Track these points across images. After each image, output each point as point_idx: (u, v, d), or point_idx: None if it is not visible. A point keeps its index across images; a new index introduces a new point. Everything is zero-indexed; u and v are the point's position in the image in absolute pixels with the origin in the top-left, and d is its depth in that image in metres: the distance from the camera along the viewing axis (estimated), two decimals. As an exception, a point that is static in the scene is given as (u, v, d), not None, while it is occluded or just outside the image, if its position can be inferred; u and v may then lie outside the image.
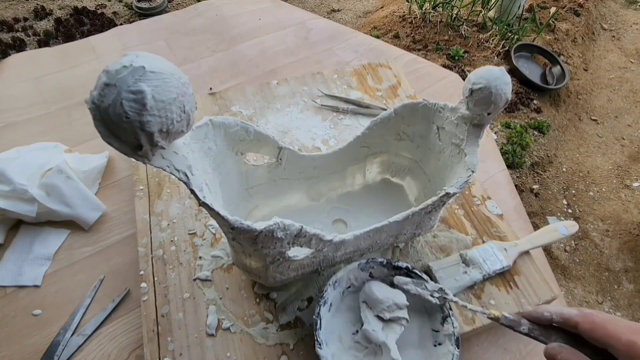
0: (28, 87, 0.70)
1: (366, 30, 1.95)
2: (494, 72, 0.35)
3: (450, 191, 0.37)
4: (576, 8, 2.05)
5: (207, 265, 0.46)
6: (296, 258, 0.37)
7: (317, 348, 0.36)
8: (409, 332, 0.40)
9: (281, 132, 0.61)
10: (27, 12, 1.88)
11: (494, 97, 0.35)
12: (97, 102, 0.24)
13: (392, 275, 0.42)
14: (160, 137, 0.26)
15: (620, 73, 1.92)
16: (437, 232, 0.50)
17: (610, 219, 1.37)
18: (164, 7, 1.94)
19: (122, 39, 0.80)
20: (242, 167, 0.44)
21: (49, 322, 0.44)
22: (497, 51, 1.74)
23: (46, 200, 0.49)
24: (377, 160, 0.51)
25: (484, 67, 0.36)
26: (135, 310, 0.45)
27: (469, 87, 0.36)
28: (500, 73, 0.35)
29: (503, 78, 0.35)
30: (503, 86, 0.35)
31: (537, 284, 0.46)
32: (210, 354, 0.40)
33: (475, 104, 0.37)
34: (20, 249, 0.49)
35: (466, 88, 0.37)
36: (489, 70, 0.36)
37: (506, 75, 0.36)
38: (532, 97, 1.63)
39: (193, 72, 0.74)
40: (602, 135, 1.66)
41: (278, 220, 0.32)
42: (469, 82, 0.37)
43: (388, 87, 0.69)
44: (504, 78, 0.35)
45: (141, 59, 0.24)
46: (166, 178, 0.54)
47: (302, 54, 0.79)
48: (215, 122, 0.37)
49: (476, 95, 0.36)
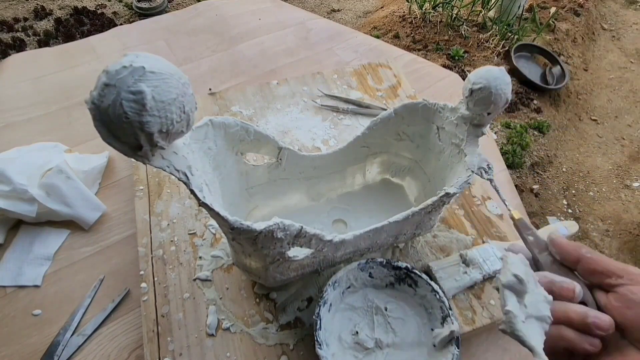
0: (28, 87, 0.70)
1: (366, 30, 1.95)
2: (494, 72, 0.35)
3: (450, 191, 0.37)
4: (576, 8, 2.05)
5: (207, 265, 0.46)
6: (296, 258, 0.37)
7: (317, 348, 0.36)
8: (409, 332, 0.40)
9: (281, 132, 0.61)
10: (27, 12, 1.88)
11: (494, 97, 0.35)
12: (97, 103, 0.24)
13: (392, 276, 0.42)
14: (160, 138, 0.26)
15: (620, 73, 1.92)
16: (437, 232, 0.50)
17: (610, 219, 1.37)
18: (164, 7, 1.94)
19: (122, 39, 0.80)
20: (242, 167, 0.44)
21: (49, 322, 0.44)
22: (497, 51, 1.74)
23: (46, 200, 0.49)
24: (377, 160, 0.51)
25: (484, 67, 0.36)
26: (135, 310, 0.45)
27: (469, 87, 0.36)
28: (500, 73, 0.35)
29: (503, 78, 0.35)
30: (503, 86, 0.35)
31: (537, 284, 0.46)
32: (210, 354, 0.40)
33: (475, 104, 0.37)
34: (20, 249, 0.49)
35: (466, 88, 0.37)
36: (489, 70, 0.36)
37: (506, 75, 0.36)
38: (532, 97, 1.63)
39: (193, 72, 0.74)
40: (602, 135, 1.66)
41: (278, 220, 0.32)
42: (468, 82, 0.37)
43: (388, 87, 0.69)
44: (504, 78, 0.35)
45: (141, 59, 0.24)
46: (166, 178, 0.54)
47: (302, 54, 0.79)
48: (215, 122, 0.37)
49: (476, 95, 0.36)
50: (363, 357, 0.39)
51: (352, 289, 0.42)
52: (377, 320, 0.41)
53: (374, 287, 0.43)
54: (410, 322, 0.41)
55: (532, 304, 0.35)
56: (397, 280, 0.42)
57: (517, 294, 0.33)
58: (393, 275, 0.42)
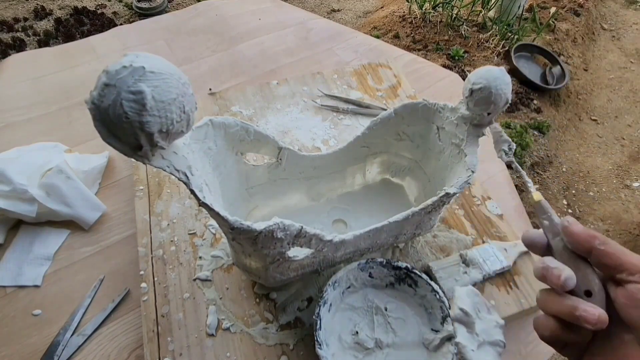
0: (28, 87, 0.70)
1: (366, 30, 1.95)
2: (494, 72, 0.35)
3: (450, 191, 0.37)
4: (576, 8, 2.05)
5: (207, 265, 0.46)
6: (296, 258, 0.37)
7: (317, 348, 0.36)
8: (409, 332, 0.40)
9: (281, 132, 0.61)
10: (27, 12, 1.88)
11: (494, 97, 0.35)
12: (97, 103, 0.24)
13: (392, 276, 0.42)
14: (160, 138, 0.26)
15: (620, 73, 1.92)
16: (437, 232, 0.50)
17: (610, 219, 1.37)
18: (164, 7, 1.94)
19: (122, 39, 0.80)
20: (242, 167, 0.44)
21: (49, 322, 0.44)
22: (497, 51, 1.74)
23: (46, 200, 0.49)
24: (377, 160, 0.51)
25: (484, 67, 0.36)
26: (135, 310, 0.45)
27: (469, 87, 0.36)
28: (500, 73, 0.35)
29: (503, 78, 0.35)
30: (503, 86, 0.35)
31: (537, 284, 0.46)
32: (210, 354, 0.40)
33: (475, 104, 0.37)
34: (20, 249, 0.49)
35: (466, 88, 0.37)
36: (489, 70, 0.36)
37: (506, 75, 0.36)
38: (532, 97, 1.63)
39: (193, 72, 0.74)
40: (602, 135, 1.66)
41: (278, 220, 0.32)
42: (468, 82, 0.37)
43: (388, 87, 0.69)
44: (504, 78, 0.35)
45: (141, 59, 0.24)
46: (166, 178, 0.54)
47: (302, 54, 0.79)
48: (215, 122, 0.37)
49: (476, 95, 0.36)
50: (363, 357, 0.39)
51: (352, 289, 0.42)
52: (377, 320, 0.41)
53: (374, 287, 0.43)
54: (410, 322, 0.41)
55: (484, 331, 0.36)
56: (397, 280, 0.42)
57: (465, 325, 0.35)
58: (393, 275, 0.42)
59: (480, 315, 0.37)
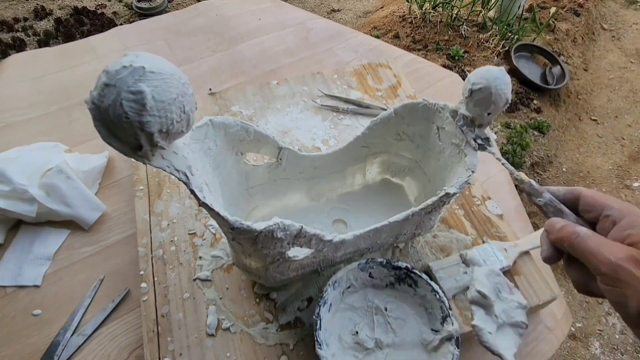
0: (28, 87, 0.70)
1: (366, 30, 1.95)
2: (494, 72, 0.35)
3: (450, 191, 0.37)
4: (576, 8, 2.05)
5: (207, 265, 0.46)
6: (296, 258, 0.37)
7: (317, 348, 0.36)
8: (409, 332, 0.40)
9: (281, 132, 0.61)
10: (27, 12, 1.88)
11: (494, 97, 0.35)
12: (97, 103, 0.24)
13: (392, 276, 0.42)
14: (160, 138, 0.26)
15: (620, 73, 1.92)
16: (437, 232, 0.50)
17: (610, 219, 1.37)
18: (164, 7, 1.94)
19: (122, 39, 0.80)
20: (242, 167, 0.44)
21: (49, 322, 0.44)
22: (497, 51, 1.74)
23: (46, 200, 0.49)
24: (377, 160, 0.51)
25: (484, 67, 0.36)
26: (135, 310, 0.45)
27: (469, 87, 0.36)
28: (500, 73, 0.35)
29: (503, 78, 0.35)
30: (503, 86, 0.35)
31: (537, 284, 0.46)
32: (210, 354, 0.40)
33: (475, 104, 0.37)
34: (20, 249, 0.49)
35: (466, 88, 0.37)
36: (489, 71, 0.36)
37: (506, 76, 0.36)
38: (532, 97, 1.63)
39: (193, 72, 0.74)
40: (602, 135, 1.66)
41: (278, 220, 0.32)
42: (468, 83, 0.37)
43: (388, 87, 0.69)
44: (504, 78, 0.35)
45: (141, 59, 0.24)
46: (166, 178, 0.54)
47: (302, 54, 0.79)
48: (215, 122, 0.37)
49: (476, 95, 0.36)
50: (363, 357, 0.39)
51: (352, 289, 0.42)
52: (377, 320, 0.41)
53: (374, 287, 0.43)
54: (410, 322, 0.41)
55: (504, 312, 0.35)
56: (397, 280, 0.42)
57: (483, 308, 0.34)
58: (393, 275, 0.42)
59: (501, 296, 0.37)
